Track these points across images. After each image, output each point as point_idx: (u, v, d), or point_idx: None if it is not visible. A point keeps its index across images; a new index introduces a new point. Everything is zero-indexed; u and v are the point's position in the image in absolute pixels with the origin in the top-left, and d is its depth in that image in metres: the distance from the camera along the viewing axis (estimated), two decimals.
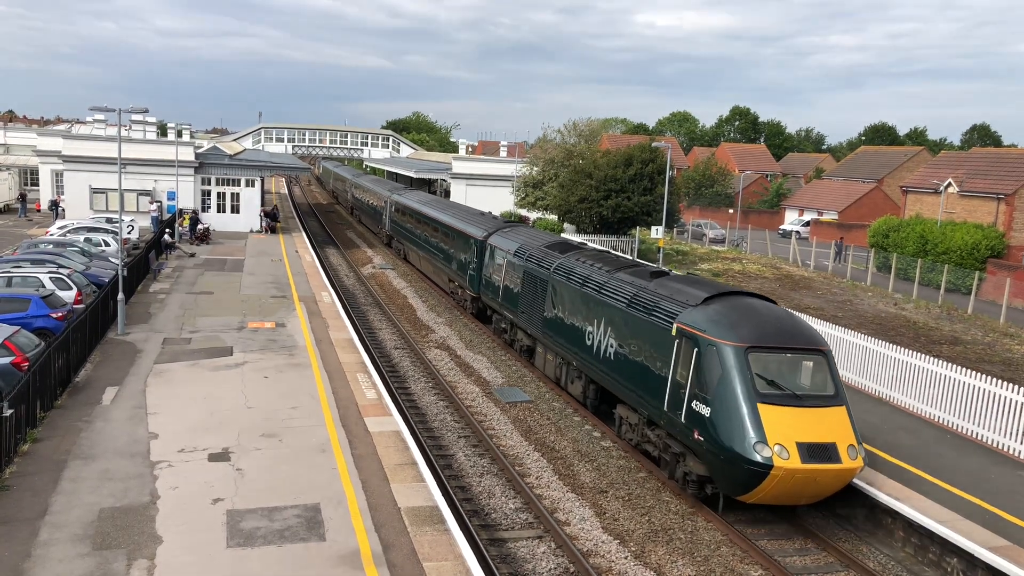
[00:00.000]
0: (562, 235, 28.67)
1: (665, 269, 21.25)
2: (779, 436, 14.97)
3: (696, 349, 16.30)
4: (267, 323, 28.20)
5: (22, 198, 57.26)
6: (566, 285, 23.10)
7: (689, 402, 16.32)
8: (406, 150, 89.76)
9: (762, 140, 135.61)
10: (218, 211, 53.23)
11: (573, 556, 14.90)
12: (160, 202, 51.29)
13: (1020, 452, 19.04)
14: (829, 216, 75.68)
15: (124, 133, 48.59)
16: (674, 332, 17.16)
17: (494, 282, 29.55)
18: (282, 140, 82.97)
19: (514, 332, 28.11)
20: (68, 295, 26.56)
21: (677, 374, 16.90)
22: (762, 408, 15.17)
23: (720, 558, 15.28)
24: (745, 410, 15.20)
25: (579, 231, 52.76)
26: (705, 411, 15.83)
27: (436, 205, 42.64)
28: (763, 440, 14.89)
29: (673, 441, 17.42)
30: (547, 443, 20.43)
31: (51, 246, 34.69)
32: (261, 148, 79.60)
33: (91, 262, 33.21)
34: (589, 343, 21.20)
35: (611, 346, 19.98)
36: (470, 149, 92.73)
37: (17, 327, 21.19)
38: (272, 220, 55.18)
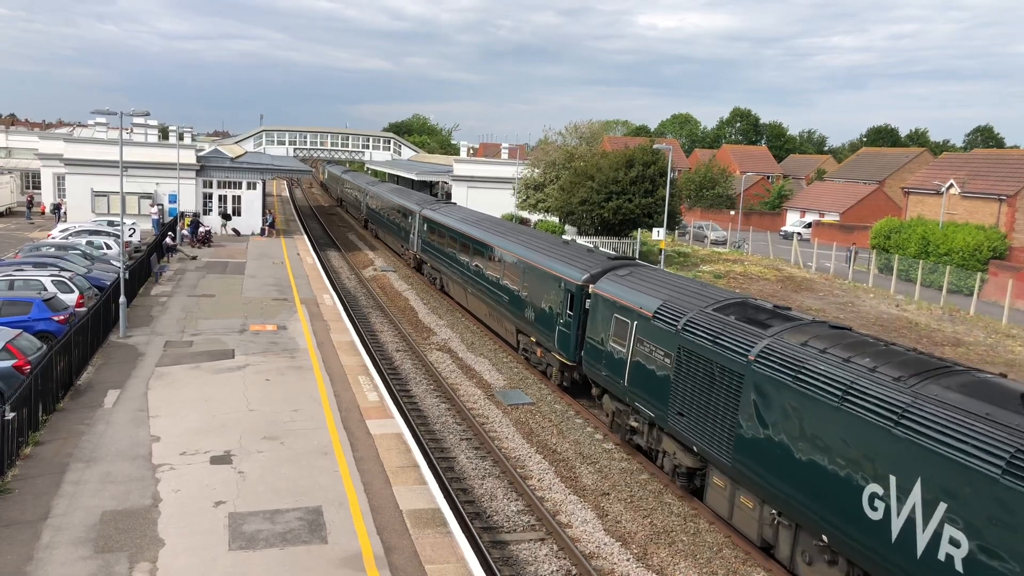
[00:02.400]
0: (741, 295, 18.30)
1: None
2: None
3: None
4: (269, 326, 28.20)
5: (29, 201, 57.47)
6: (793, 392, 13.61)
7: None
8: (407, 152, 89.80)
9: (763, 142, 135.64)
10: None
11: (575, 558, 14.88)
12: (162, 205, 51.36)
13: None
14: (831, 218, 75.63)
15: (125, 136, 48.69)
16: None
17: (610, 353, 20.17)
18: (283, 143, 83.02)
19: (655, 437, 18.50)
20: (70, 298, 26.57)
21: None
22: None
23: (722, 560, 15.26)
24: None
25: (580, 233, 52.76)
26: None
27: (494, 228, 33.12)
28: None
29: None
30: (549, 445, 20.42)
31: (53, 249, 34.73)
32: (262, 151, 79.65)
33: (93, 265, 33.25)
34: (874, 514, 11.81)
35: (948, 540, 10.62)
36: (471, 151, 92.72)
37: (19, 330, 21.20)
38: (268, 225, 54.29)
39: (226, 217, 53.08)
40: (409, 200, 47.34)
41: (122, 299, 25.94)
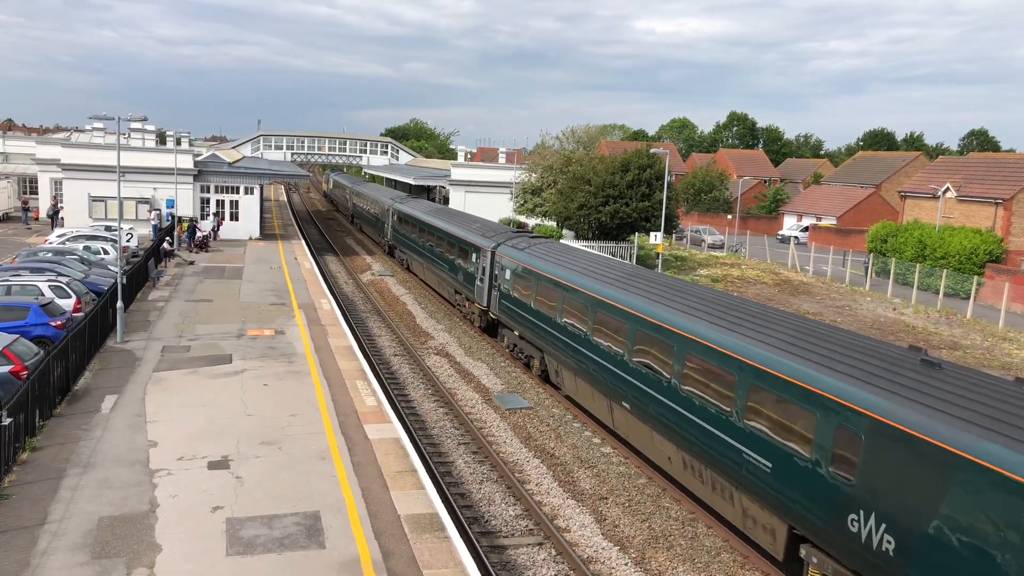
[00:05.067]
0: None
1: None
2: None
3: None
4: (266, 330, 28.18)
5: (24, 206, 57.45)
6: None
7: None
8: (405, 157, 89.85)
9: (760, 146, 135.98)
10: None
11: (574, 563, 14.88)
12: (159, 210, 51.34)
13: None
14: (827, 222, 75.76)
15: (123, 141, 48.67)
16: None
17: None
18: (281, 148, 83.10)
19: None
20: (67, 303, 26.53)
21: None
22: None
23: (721, 564, 15.26)
24: None
25: (578, 237, 52.80)
26: None
27: (691, 301, 17.92)
28: None
29: None
30: (547, 449, 20.42)
31: (50, 254, 34.70)
32: (260, 156, 79.72)
33: (90, 270, 33.21)
34: None
35: None
36: (469, 156, 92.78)
37: (16, 335, 21.17)
38: (213, 230, 49.58)
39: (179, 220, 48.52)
40: (469, 230, 33.25)
41: (119, 304, 25.91)
